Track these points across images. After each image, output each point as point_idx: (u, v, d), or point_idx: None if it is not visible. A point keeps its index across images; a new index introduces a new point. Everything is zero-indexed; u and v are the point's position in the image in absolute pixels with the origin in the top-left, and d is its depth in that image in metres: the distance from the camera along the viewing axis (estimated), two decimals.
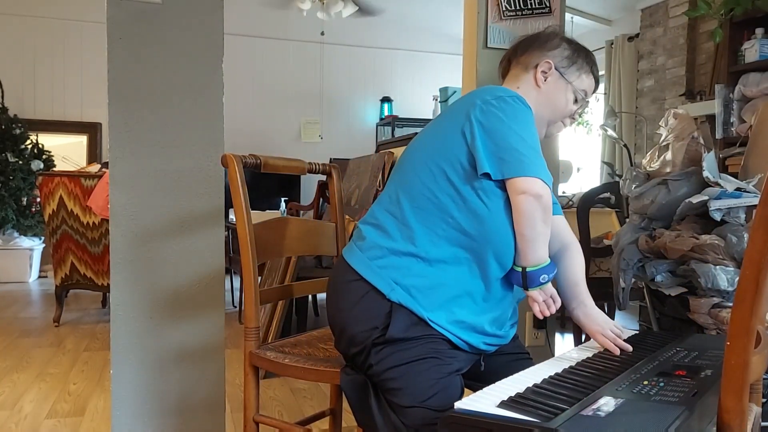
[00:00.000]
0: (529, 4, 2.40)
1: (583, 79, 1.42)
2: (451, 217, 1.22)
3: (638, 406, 0.84)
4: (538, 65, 1.40)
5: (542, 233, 1.21)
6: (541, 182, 1.19)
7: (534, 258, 1.22)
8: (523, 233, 1.21)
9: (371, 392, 1.22)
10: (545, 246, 1.23)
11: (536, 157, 1.21)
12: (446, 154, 1.25)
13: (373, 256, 1.25)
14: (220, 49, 1.88)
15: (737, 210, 1.74)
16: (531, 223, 1.19)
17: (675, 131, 1.95)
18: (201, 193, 1.88)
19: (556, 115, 1.42)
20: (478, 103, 1.25)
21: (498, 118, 1.22)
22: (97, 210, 3.72)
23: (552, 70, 1.39)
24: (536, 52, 1.42)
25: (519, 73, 1.43)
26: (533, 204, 1.18)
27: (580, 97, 1.42)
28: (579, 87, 1.41)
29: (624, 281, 1.91)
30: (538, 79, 1.40)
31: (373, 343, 1.20)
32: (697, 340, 1.28)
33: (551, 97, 1.40)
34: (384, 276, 1.22)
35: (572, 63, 1.41)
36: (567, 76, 1.40)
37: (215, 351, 1.92)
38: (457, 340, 1.22)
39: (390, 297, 1.20)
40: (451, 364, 1.20)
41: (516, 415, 0.80)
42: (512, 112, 1.24)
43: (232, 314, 4.25)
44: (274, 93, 7.03)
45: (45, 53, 6.28)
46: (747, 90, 4.07)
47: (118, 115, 1.79)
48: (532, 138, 1.23)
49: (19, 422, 2.31)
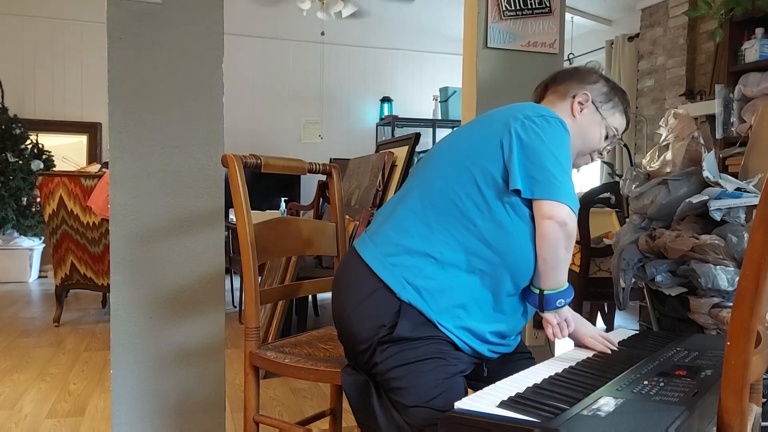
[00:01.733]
0: (529, 4, 2.40)
1: (617, 117, 1.45)
2: (473, 225, 1.21)
3: (638, 406, 0.84)
4: (576, 96, 1.42)
5: (564, 259, 1.22)
6: (568, 209, 1.19)
7: (553, 283, 1.23)
8: (545, 258, 1.21)
9: (373, 392, 1.22)
10: (565, 271, 1.23)
11: (568, 181, 1.22)
12: (479, 161, 1.23)
13: (387, 252, 1.24)
14: (220, 49, 1.88)
15: (737, 210, 1.74)
16: (553, 248, 1.19)
17: (675, 131, 1.95)
18: (201, 193, 1.88)
19: (586, 148, 1.44)
20: (520, 117, 1.25)
21: (538, 136, 1.22)
22: (97, 210, 3.72)
23: (589, 102, 1.42)
24: (575, 83, 1.44)
25: (555, 100, 1.45)
26: (558, 231, 1.18)
27: (611, 133, 1.44)
28: (612, 124, 1.43)
29: (624, 281, 1.91)
30: (575, 109, 1.42)
31: (379, 342, 1.20)
32: (697, 340, 1.28)
33: (585, 129, 1.41)
34: (396, 274, 1.21)
35: (609, 100, 1.44)
36: (602, 111, 1.42)
37: (215, 351, 1.92)
38: (462, 344, 1.22)
39: (401, 296, 1.20)
40: (456, 365, 1.20)
41: (516, 415, 0.80)
42: (553, 133, 1.24)
43: (232, 314, 4.25)
44: (274, 93, 7.02)
45: (45, 53, 6.28)
46: (747, 90, 4.07)
47: (118, 115, 1.79)
48: (567, 162, 1.24)
49: (19, 422, 2.31)
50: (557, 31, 2.45)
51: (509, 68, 2.42)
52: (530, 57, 2.43)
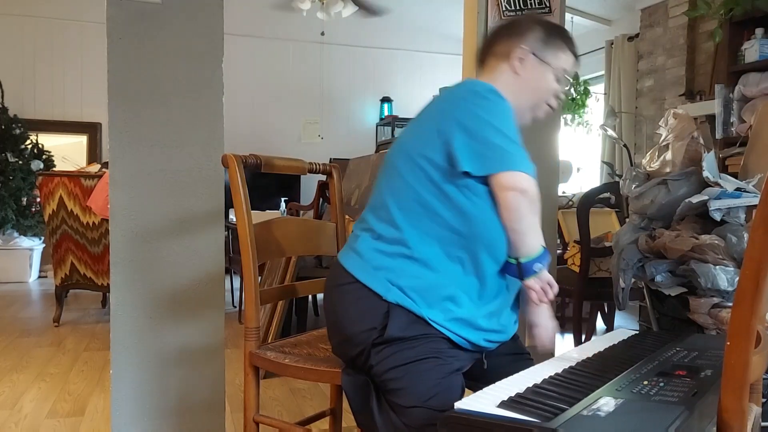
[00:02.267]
0: (529, 4, 2.40)
1: (561, 57, 1.39)
2: (438, 216, 1.22)
3: (638, 406, 0.84)
4: (514, 53, 1.37)
5: (532, 224, 1.21)
6: (525, 176, 1.19)
7: (527, 249, 1.22)
8: (514, 228, 1.21)
9: (372, 393, 1.22)
10: (537, 235, 1.22)
11: (517, 149, 1.21)
12: (425, 153, 1.24)
13: (367, 258, 1.25)
14: (220, 49, 1.88)
15: (737, 210, 1.74)
16: (519, 216, 1.19)
17: (675, 131, 1.95)
18: (201, 193, 1.88)
19: (540, 99, 1.40)
20: (454, 99, 1.26)
21: (474, 114, 1.22)
22: (97, 210, 3.72)
23: (529, 55, 1.37)
24: (510, 40, 1.39)
25: (496, 63, 1.40)
26: (520, 199, 1.18)
27: (560, 76, 1.40)
28: (558, 67, 1.39)
29: (624, 281, 1.91)
30: (516, 67, 1.37)
31: (373, 344, 1.20)
32: (697, 340, 1.28)
33: (532, 82, 1.38)
34: (379, 277, 1.22)
35: (548, 44, 1.38)
36: (545, 58, 1.37)
37: (215, 351, 1.92)
38: (457, 339, 1.22)
39: (386, 298, 1.21)
40: (451, 363, 1.20)
41: (516, 415, 0.80)
42: (488, 106, 1.23)
43: (232, 314, 4.25)
44: (274, 93, 7.02)
45: (45, 53, 6.28)
46: (747, 90, 4.07)
47: (118, 115, 1.79)
48: (511, 130, 1.23)
49: (19, 422, 2.31)
50: None
51: None
52: None
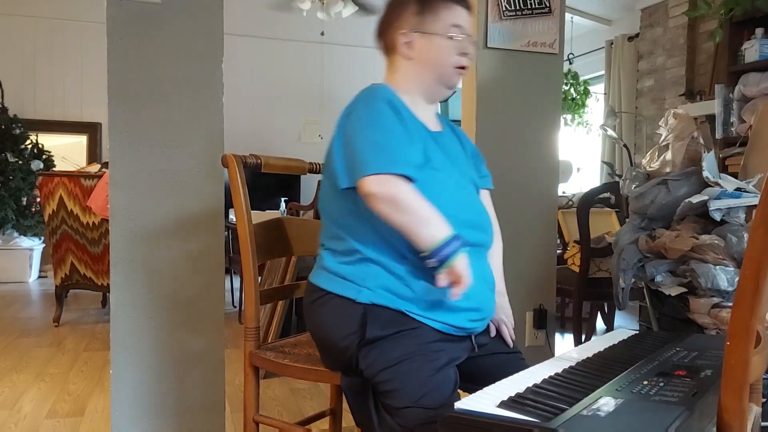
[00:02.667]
0: (529, 4, 2.40)
1: (445, 16, 1.32)
2: (367, 220, 1.23)
3: (638, 406, 0.84)
4: (398, 42, 1.34)
5: (410, 220, 1.15)
6: (367, 179, 1.14)
7: (421, 243, 1.16)
8: (395, 227, 1.17)
9: (370, 394, 1.22)
10: (427, 227, 1.15)
11: (372, 151, 1.16)
12: (327, 171, 1.30)
13: (333, 271, 1.29)
14: (220, 49, 1.88)
15: (737, 210, 1.74)
16: (388, 218, 1.16)
17: (675, 131, 1.95)
18: (201, 192, 1.88)
19: (445, 68, 1.34)
20: (342, 113, 1.28)
21: (351, 127, 1.23)
22: (96, 210, 3.72)
23: (412, 35, 1.32)
24: (389, 31, 1.36)
25: (390, 58, 1.38)
26: (371, 203, 1.16)
27: (454, 33, 1.32)
28: (444, 28, 1.31)
29: (624, 281, 1.91)
30: (406, 53, 1.34)
31: (359, 348, 1.21)
32: (697, 340, 1.28)
33: (428, 59, 1.33)
34: (348, 284, 1.25)
35: (424, 13, 1.32)
36: (427, 29, 1.31)
37: (215, 351, 1.92)
38: (440, 326, 1.22)
39: (359, 300, 1.22)
40: (439, 358, 1.19)
41: (516, 415, 0.80)
42: (357, 115, 1.24)
43: (232, 314, 4.25)
44: (274, 93, 7.02)
45: (45, 53, 6.28)
46: (747, 90, 4.07)
47: (118, 115, 1.79)
48: (376, 131, 1.19)
49: (18, 422, 2.31)
50: (557, 31, 2.45)
51: (509, 68, 2.42)
52: (530, 57, 2.43)
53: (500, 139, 2.41)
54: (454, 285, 1.15)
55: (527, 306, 2.46)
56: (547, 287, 2.50)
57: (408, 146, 1.20)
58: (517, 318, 2.43)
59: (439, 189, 1.25)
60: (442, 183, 1.27)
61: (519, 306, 2.44)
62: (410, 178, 1.17)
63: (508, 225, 2.41)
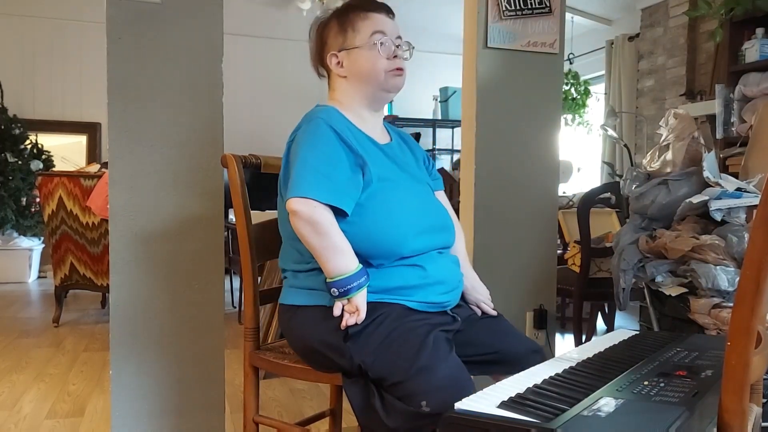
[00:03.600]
0: (529, 4, 2.40)
1: (363, 27, 1.36)
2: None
3: (638, 406, 0.84)
4: (330, 64, 1.39)
5: (326, 246, 1.22)
6: (293, 200, 1.21)
7: (327, 271, 1.24)
8: (310, 248, 1.24)
9: (374, 392, 1.21)
10: (340, 256, 1.22)
11: (308, 175, 1.22)
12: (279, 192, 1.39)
13: (298, 287, 1.34)
14: (220, 49, 1.88)
15: (737, 210, 1.74)
16: (306, 238, 1.23)
17: (675, 131, 1.95)
18: (201, 193, 1.87)
19: (379, 75, 1.36)
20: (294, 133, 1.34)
21: (293, 150, 1.30)
22: (96, 210, 3.71)
23: (338, 54, 1.38)
24: (320, 57, 1.42)
25: (330, 81, 1.44)
26: (293, 221, 1.22)
27: (377, 42, 1.34)
28: (365, 37, 1.35)
29: (624, 281, 1.91)
30: (339, 71, 1.39)
31: (345, 341, 1.23)
32: (697, 340, 1.28)
33: (359, 72, 1.36)
34: (315, 294, 1.30)
35: (344, 30, 1.37)
36: (351, 44, 1.36)
37: (215, 351, 1.92)
38: (412, 304, 1.26)
39: (330, 303, 1.26)
40: (422, 326, 1.21)
41: (516, 415, 0.80)
42: (300, 138, 1.29)
43: (232, 314, 4.25)
44: (274, 93, 7.02)
45: (44, 53, 6.28)
46: (747, 90, 4.06)
47: (117, 115, 1.79)
48: (312, 157, 1.24)
49: (18, 422, 2.31)
50: (557, 31, 2.45)
51: (509, 68, 2.42)
52: (530, 57, 2.43)
53: (500, 139, 2.41)
54: (350, 314, 1.22)
55: (527, 306, 2.46)
56: (548, 287, 2.50)
57: (344, 175, 1.25)
58: (518, 318, 2.44)
59: (396, 199, 1.30)
60: (398, 193, 1.32)
61: (519, 306, 2.44)
62: (337, 209, 1.23)
63: (509, 225, 2.42)
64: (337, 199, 1.22)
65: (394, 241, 1.27)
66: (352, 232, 1.25)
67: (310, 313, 1.30)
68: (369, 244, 1.26)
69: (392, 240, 1.27)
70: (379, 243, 1.26)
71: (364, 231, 1.26)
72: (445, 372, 1.14)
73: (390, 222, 1.27)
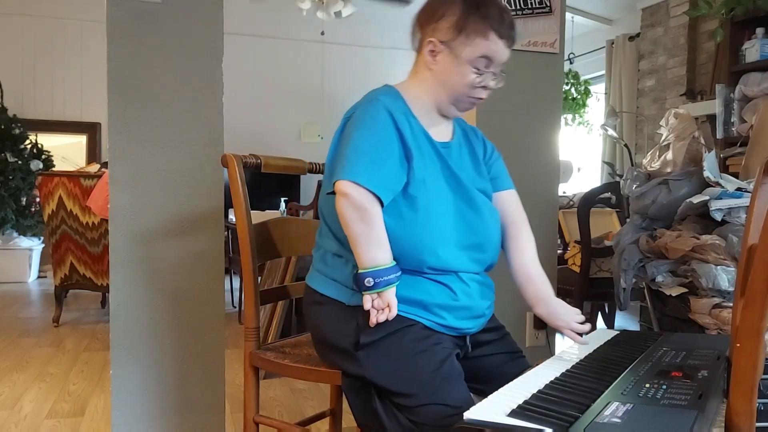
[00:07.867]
0: (530, 4, 2.40)
1: (478, 44, 1.22)
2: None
3: (649, 410, 0.83)
4: (425, 46, 1.26)
5: (360, 234, 1.15)
6: (346, 182, 1.14)
7: (360, 260, 1.16)
8: (347, 234, 1.18)
9: (374, 394, 1.20)
10: (369, 248, 1.16)
11: (360, 160, 1.16)
12: (325, 172, 1.32)
13: (325, 272, 1.30)
14: (220, 49, 1.88)
15: (738, 210, 1.74)
16: (349, 222, 1.15)
17: (676, 131, 1.94)
18: (201, 193, 1.87)
19: (456, 94, 1.27)
20: (345, 117, 1.29)
21: (347, 130, 1.23)
22: (96, 210, 3.71)
23: (440, 47, 1.24)
24: (423, 30, 1.27)
25: (416, 56, 1.31)
26: (342, 203, 1.15)
27: (482, 65, 1.24)
28: (474, 56, 1.22)
29: (625, 281, 1.90)
30: (428, 62, 1.26)
31: (355, 350, 1.21)
32: (679, 339, 1.28)
33: (445, 79, 1.26)
34: (337, 287, 1.26)
35: (461, 31, 1.22)
36: (456, 50, 1.22)
37: (215, 351, 1.92)
38: (431, 324, 1.22)
39: (350, 303, 1.23)
40: (438, 351, 1.18)
41: (529, 424, 0.79)
42: (354, 122, 1.23)
43: (232, 314, 4.25)
44: (274, 93, 7.02)
45: (45, 53, 6.27)
46: (748, 90, 4.06)
47: (117, 115, 1.79)
48: (366, 142, 1.18)
49: (18, 422, 2.30)
50: (557, 31, 2.45)
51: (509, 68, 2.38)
52: (530, 57, 2.43)
53: (500, 139, 2.39)
54: (379, 311, 1.16)
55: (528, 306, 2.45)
56: None
57: (393, 167, 1.19)
58: (518, 318, 2.43)
59: (433, 204, 1.23)
60: (437, 199, 1.24)
61: (519, 306, 2.43)
62: (381, 201, 1.17)
63: None
64: (382, 190, 1.16)
65: (422, 247, 1.20)
66: None
67: (332, 310, 1.26)
68: (394, 242, 1.19)
69: (419, 245, 1.20)
70: (405, 245, 1.20)
71: (391, 227, 1.19)
72: (455, 403, 1.12)
73: (421, 226, 1.21)
